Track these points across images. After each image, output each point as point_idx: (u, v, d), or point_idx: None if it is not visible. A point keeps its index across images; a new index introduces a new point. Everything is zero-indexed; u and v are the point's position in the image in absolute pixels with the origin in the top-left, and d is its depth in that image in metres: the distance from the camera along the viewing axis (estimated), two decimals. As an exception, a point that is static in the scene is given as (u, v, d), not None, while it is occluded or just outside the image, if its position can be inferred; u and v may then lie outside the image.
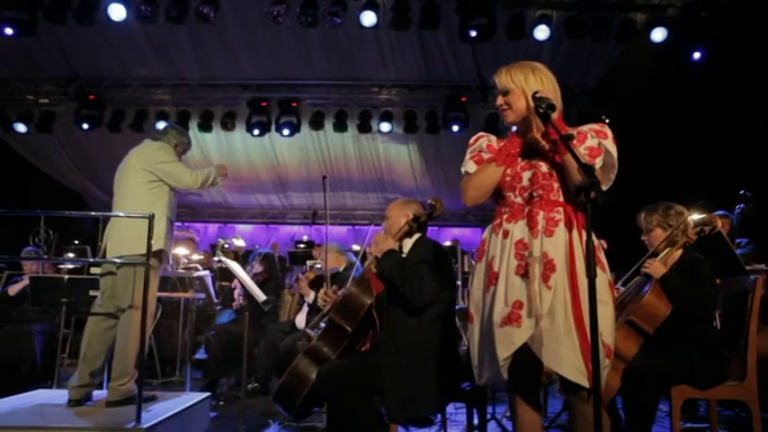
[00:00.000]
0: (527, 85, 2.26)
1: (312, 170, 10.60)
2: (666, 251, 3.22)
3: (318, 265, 7.39)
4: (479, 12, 6.98)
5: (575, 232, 2.12)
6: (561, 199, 2.17)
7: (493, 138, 2.42)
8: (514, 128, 2.39)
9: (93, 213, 3.59)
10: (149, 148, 3.86)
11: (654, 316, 2.99)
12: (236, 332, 5.39)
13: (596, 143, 2.21)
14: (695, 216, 3.34)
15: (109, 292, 3.63)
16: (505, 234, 2.19)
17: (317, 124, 9.02)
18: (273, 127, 9.00)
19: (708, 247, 3.32)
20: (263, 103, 8.93)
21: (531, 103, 2.21)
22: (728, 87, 6.42)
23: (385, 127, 8.93)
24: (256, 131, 8.98)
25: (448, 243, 9.54)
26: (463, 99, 8.78)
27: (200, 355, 5.98)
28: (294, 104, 8.93)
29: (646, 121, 7.66)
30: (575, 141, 2.06)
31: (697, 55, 7.07)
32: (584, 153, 2.15)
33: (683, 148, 7.00)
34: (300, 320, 5.05)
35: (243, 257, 9.14)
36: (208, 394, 3.98)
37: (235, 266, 4.15)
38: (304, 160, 10.36)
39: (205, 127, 9.02)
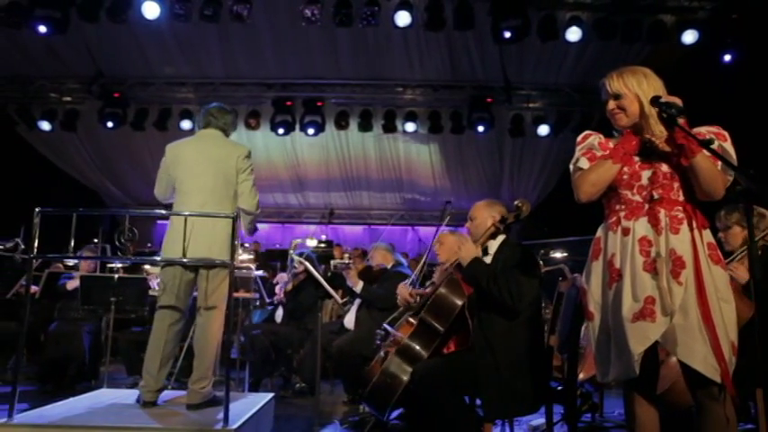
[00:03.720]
0: (640, 89, 2.28)
1: (331, 169, 10.64)
2: (743, 250, 3.27)
3: (347, 261, 7.44)
4: (512, 13, 7.01)
5: (696, 231, 2.15)
6: (681, 198, 2.20)
7: (601, 136, 2.43)
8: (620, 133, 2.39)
9: (172, 212, 3.28)
10: (240, 152, 3.60)
11: (738, 319, 3.01)
12: (282, 332, 5.40)
13: (717, 145, 2.23)
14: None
15: (174, 288, 3.46)
16: (625, 231, 2.22)
17: (341, 124, 9.03)
18: (298, 126, 9.00)
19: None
20: (288, 103, 8.93)
21: (648, 108, 2.23)
22: (760, 90, 6.47)
23: (410, 127, 8.97)
24: (281, 130, 8.99)
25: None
26: (489, 100, 8.80)
27: (233, 354, 5.98)
28: (319, 104, 8.92)
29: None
30: (715, 145, 2.08)
31: (728, 57, 7.12)
32: (707, 156, 2.17)
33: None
34: (349, 321, 5.05)
35: (263, 256, 9.17)
36: (272, 395, 3.97)
37: (311, 268, 4.13)
38: (324, 159, 10.38)
39: (229, 125, 8.97)
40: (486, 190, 10.52)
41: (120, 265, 5.55)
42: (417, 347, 2.88)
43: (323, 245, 10.44)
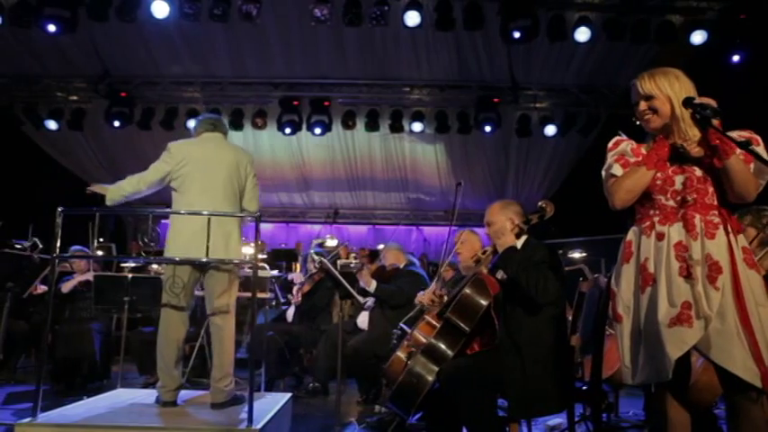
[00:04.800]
0: (672, 90, 2.28)
1: (337, 169, 10.63)
2: (763, 252, 3.28)
3: (353, 264, 7.43)
4: (522, 13, 7.01)
5: (731, 235, 2.16)
6: (716, 202, 2.20)
7: (633, 142, 2.43)
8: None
9: (200, 212, 3.26)
10: (249, 157, 3.72)
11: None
12: (296, 332, 5.41)
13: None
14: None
15: (187, 287, 3.48)
16: (660, 236, 2.22)
17: (348, 124, 9.03)
18: (305, 126, 9.00)
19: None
20: (295, 102, 8.92)
21: (680, 110, 2.24)
22: (769, 90, 6.49)
23: (417, 127, 8.97)
24: (288, 130, 8.98)
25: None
26: (496, 100, 8.80)
27: (240, 354, 5.98)
28: (326, 104, 8.92)
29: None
30: (753, 146, 2.08)
31: (736, 58, 7.14)
32: (741, 158, 2.17)
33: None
34: (363, 321, 5.06)
35: (269, 256, 9.15)
36: (291, 395, 3.97)
37: (332, 268, 4.13)
38: (330, 159, 10.37)
39: (236, 125, 8.99)
40: (492, 190, 10.53)
41: (132, 264, 5.54)
42: (443, 347, 2.89)
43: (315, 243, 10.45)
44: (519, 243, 3.08)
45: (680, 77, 2.32)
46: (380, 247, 10.34)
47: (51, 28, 6.84)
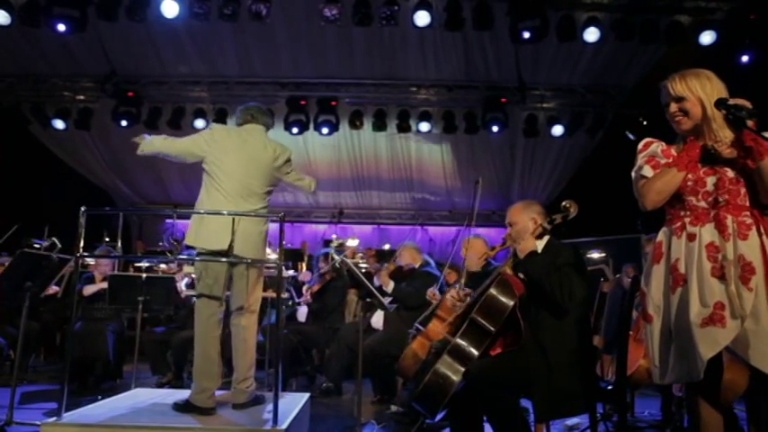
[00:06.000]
0: (704, 92, 2.28)
1: (342, 169, 10.62)
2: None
3: (363, 265, 7.44)
4: (531, 13, 7.01)
5: (764, 237, 2.17)
6: (748, 203, 2.21)
7: (663, 143, 2.44)
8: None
9: (224, 212, 3.24)
10: (287, 153, 3.67)
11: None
12: (308, 332, 5.41)
13: None
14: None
15: (221, 283, 3.41)
16: (691, 237, 2.23)
17: (355, 123, 9.03)
18: (312, 126, 8.99)
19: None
20: (302, 102, 8.92)
21: (712, 111, 2.25)
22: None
23: (424, 127, 8.97)
24: (295, 130, 8.97)
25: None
26: (503, 100, 8.81)
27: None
28: (333, 103, 8.92)
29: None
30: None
31: (745, 58, 7.14)
32: None
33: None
34: (377, 321, 5.07)
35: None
36: (309, 395, 3.98)
37: (354, 268, 4.14)
38: (335, 159, 10.37)
39: (243, 125, 8.96)
40: (497, 190, 10.54)
41: (146, 264, 5.54)
42: (469, 347, 2.89)
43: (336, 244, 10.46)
44: (541, 243, 3.09)
45: (711, 79, 2.33)
46: (386, 247, 10.38)
47: (61, 27, 6.83)
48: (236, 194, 3.40)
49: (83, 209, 3.16)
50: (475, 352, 2.88)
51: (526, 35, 7.01)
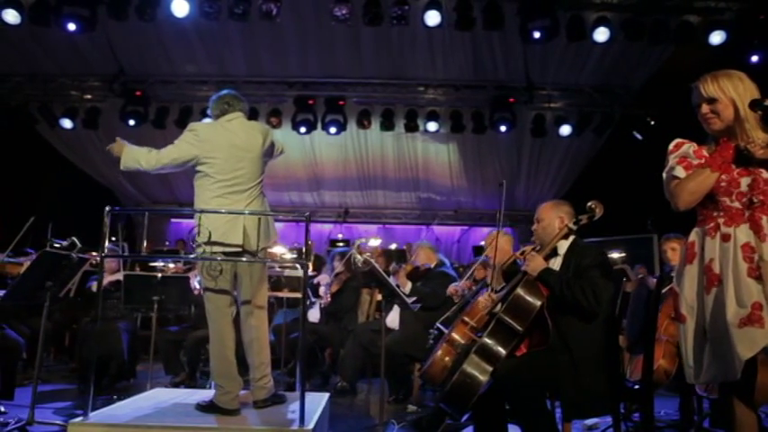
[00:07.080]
0: (736, 93, 2.28)
1: (348, 168, 10.63)
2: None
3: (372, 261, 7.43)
4: (541, 13, 7.02)
5: (799, 237, 2.18)
6: None
7: (695, 144, 2.44)
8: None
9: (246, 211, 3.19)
10: (270, 133, 3.60)
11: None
12: (323, 332, 5.41)
13: None
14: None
15: (229, 281, 3.36)
16: (725, 238, 2.24)
17: (363, 123, 9.03)
18: (320, 125, 8.99)
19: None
20: (310, 101, 8.92)
21: (744, 112, 2.25)
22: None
23: (432, 126, 8.98)
24: (302, 129, 8.98)
25: (482, 243, 9.60)
26: (511, 100, 8.82)
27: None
28: (341, 103, 8.92)
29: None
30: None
31: (755, 58, 7.15)
32: None
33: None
34: (392, 320, 5.06)
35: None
36: (329, 395, 3.97)
37: (378, 267, 4.13)
38: (342, 158, 10.37)
39: (250, 124, 8.97)
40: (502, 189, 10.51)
41: (162, 264, 5.54)
42: (497, 347, 2.89)
43: (340, 244, 10.47)
44: (566, 244, 3.10)
45: (744, 80, 2.33)
46: (393, 246, 10.37)
47: (71, 27, 6.84)
48: (234, 189, 3.35)
49: (107, 208, 3.16)
50: (502, 351, 2.89)
51: (536, 35, 7.02)
